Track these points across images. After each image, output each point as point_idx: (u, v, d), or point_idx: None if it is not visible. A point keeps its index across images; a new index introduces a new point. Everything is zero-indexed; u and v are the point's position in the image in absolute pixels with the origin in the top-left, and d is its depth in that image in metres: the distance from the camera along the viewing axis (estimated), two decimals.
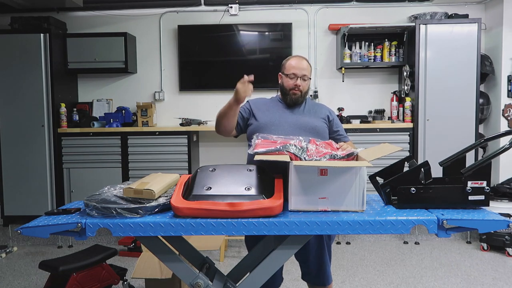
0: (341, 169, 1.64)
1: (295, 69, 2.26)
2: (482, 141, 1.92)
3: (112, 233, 1.58)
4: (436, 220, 1.58)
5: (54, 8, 4.49)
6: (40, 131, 4.16)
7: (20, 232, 1.62)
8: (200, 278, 1.72)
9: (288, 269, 3.45)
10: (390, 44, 4.33)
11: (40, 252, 4.08)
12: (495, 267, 3.50)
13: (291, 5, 4.54)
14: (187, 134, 4.21)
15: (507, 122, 4.21)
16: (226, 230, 1.57)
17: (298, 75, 2.25)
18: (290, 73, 2.27)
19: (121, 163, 4.22)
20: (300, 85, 2.25)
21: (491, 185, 1.98)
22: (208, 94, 4.65)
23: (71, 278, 2.69)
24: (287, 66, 2.30)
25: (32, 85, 4.13)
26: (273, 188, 1.73)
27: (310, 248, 2.14)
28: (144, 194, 1.66)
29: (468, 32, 4.00)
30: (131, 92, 4.67)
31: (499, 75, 4.22)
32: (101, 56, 4.34)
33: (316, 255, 2.16)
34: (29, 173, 4.17)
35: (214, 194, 1.64)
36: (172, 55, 4.63)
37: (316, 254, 2.16)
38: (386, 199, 1.78)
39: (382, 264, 3.60)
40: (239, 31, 4.51)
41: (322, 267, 2.18)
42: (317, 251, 2.15)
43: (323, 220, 1.57)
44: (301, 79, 2.25)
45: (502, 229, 1.61)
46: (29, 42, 4.11)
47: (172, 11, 4.59)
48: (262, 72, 4.53)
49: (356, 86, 4.59)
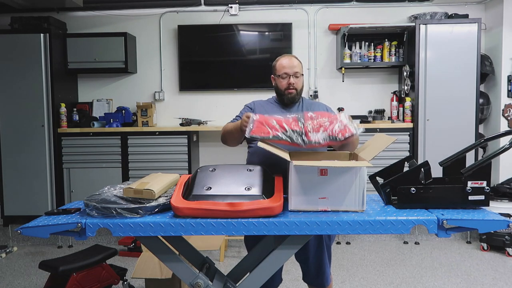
0: (341, 169, 1.64)
1: (286, 68, 2.26)
2: (482, 141, 1.92)
3: (112, 233, 1.58)
4: (436, 220, 1.58)
5: (54, 8, 4.49)
6: (40, 131, 4.16)
7: (20, 232, 1.62)
8: (200, 278, 1.72)
9: (288, 269, 3.45)
10: (390, 44, 4.34)
11: (40, 252, 4.08)
12: (495, 267, 3.50)
13: (291, 5, 4.54)
14: (187, 134, 4.21)
15: (507, 122, 4.21)
16: (226, 230, 1.57)
17: (289, 74, 2.25)
18: (281, 73, 2.27)
19: (121, 163, 4.22)
20: (294, 83, 2.25)
21: (491, 185, 1.98)
22: (208, 94, 4.65)
23: (71, 278, 2.69)
24: (278, 67, 2.30)
25: (32, 85, 4.13)
26: (273, 188, 1.73)
27: (310, 249, 2.14)
28: (144, 194, 1.66)
29: (468, 32, 4.00)
30: (131, 92, 4.67)
31: (499, 75, 4.22)
32: (101, 56, 4.35)
33: (316, 256, 2.16)
34: (29, 173, 4.17)
35: (214, 194, 1.64)
36: (172, 55, 4.63)
37: (315, 255, 2.16)
38: (386, 199, 1.78)
39: (382, 264, 3.60)
40: (239, 31, 4.51)
41: (321, 268, 2.18)
42: (316, 252, 2.15)
43: (323, 220, 1.57)
44: (293, 77, 2.25)
45: (502, 229, 1.61)
46: (29, 42, 4.11)
47: (172, 11, 4.59)
48: (262, 72, 4.54)
49: (356, 86, 4.59)
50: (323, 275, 2.19)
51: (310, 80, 4.57)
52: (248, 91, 4.59)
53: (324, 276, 2.20)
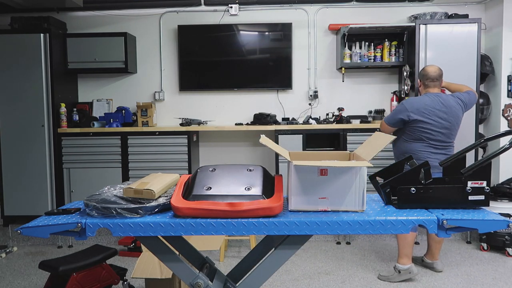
0: (341, 169, 1.64)
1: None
2: (482, 141, 1.92)
3: (112, 233, 1.58)
4: (436, 220, 1.58)
5: (54, 8, 4.49)
6: (40, 131, 4.16)
7: (20, 232, 1.62)
8: (200, 278, 1.72)
9: (288, 269, 3.46)
10: (390, 44, 4.34)
11: (40, 252, 4.08)
12: (495, 267, 3.50)
13: (291, 5, 4.54)
14: (187, 134, 4.21)
15: (507, 122, 4.21)
16: (226, 230, 1.57)
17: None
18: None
19: (121, 163, 4.22)
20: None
21: (491, 185, 1.98)
22: (208, 94, 4.65)
23: (71, 278, 2.69)
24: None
25: (32, 85, 4.13)
26: (273, 188, 1.73)
27: None
28: (144, 194, 1.66)
29: (468, 32, 4.00)
30: (131, 92, 4.67)
31: (499, 75, 4.22)
32: (101, 56, 4.34)
33: None
34: (29, 173, 4.17)
35: (214, 194, 1.64)
36: (172, 55, 4.63)
37: None
38: (386, 199, 1.78)
39: (382, 264, 3.60)
40: (239, 31, 4.51)
41: None
42: None
43: (323, 220, 1.57)
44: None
45: (502, 229, 1.61)
46: (29, 42, 4.11)
47: (172, 11, 4.59)
48: (262, 72, 4.55)
49: (356, 86, 4.59)
50: None
51: (310, 80, 4.57)
52: (248, 91, 4.60)
53: None
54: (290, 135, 4.15)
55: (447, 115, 3.08)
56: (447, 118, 3.08)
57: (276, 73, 4.53)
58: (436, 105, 3.08)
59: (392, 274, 3.23)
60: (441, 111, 3.08)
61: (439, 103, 3.09)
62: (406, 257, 3.20)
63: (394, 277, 3.21)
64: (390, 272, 3.27)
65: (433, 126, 3.06)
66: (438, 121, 3.06)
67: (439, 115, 3.07)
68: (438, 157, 3.01)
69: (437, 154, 3.06)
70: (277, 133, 4.16)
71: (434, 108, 3.07)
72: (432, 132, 3.07)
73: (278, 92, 4.60)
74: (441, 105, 3.09)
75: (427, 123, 3.06)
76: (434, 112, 3.07)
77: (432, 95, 3.16)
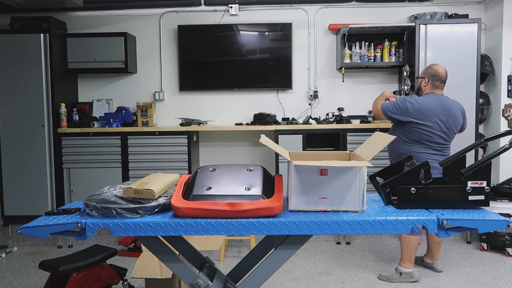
0: (341, 169, 1.64)
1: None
2: (482, 141, 1.92)
3: (112, 233, 1.58)
4: (436, 220, 1.58)
5: (54, 8, 4.49)
6: (40, 131, 4.16)
7: (20, 232, 1.62)
8: (200, 278, 1.72)
9: (288, 269, 3.46)
10: (390, 44, 4.34)
11: (40, 252, 4.08)
12: (495, 267, 3.50)
13: (291, 5, 4.54)
14: (187, 134, 4.21)
15: (507, 122, 4.21)
16: (226, 230, 1.57)
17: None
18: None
19: (121, 163, 4.22)
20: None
21: (491, 185, 1.98)
22: (208, 94, 4.65)
23: (71, 278, 2.69)
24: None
25: (32, 85, 4.13)
26: (273, 188, 1.73)
27: None
28: (144, 194, 1.66)
29: (468, 32, 4.00)
30: (131, 92, 4.67)
31: (499, 75, 4.22)
32: (101, 56, 4.35)
33: None
34: (29, 173, 4.17)
35: (214, 194, 1.64)
36: (172, 55, 4.63)
37: None
38: (386, 199, 1.78)
39: (382, 264, 3.60)
40: (239, 31, 4.51)
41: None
42: None
43: (323, 220, 1.57)
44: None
45: (502, 229, 1.61)
46: (29, 42, 4.11)
47: (172, 11, 4.59)
48: (262, 72, 4.55)
49: (356, 86, 4.59)
50: None
51: (310, 80, 4.57)
52: (248, 91, 4.60)
53: None
54: (290, 135, 4.15)
55: (447, 118, 3.07)
56: (447, 120, 3.07)
57: (276, 73, 4.53)
58: (438, 107, 3.07)
59: (393, 275, 3.23)
60: (442, 113, 3.07)
61: (441, 105, 3.08)
62: (409, 262, 3.20)
63: (395, 278, 3.21)
64: (391, 273, 3.27)
65: (433, 129, 3.05)
66: (438, 124, 3.05)
67: (440, 118, 3.05)
68: (437, 158, 3.00)
69: (436, 155, 3.06)
70: (277, 133, 4.16)
71: (436, 111, 3.05)
72: (432, 134, 3.06)
73: (278, 92, 4.60)
74: (443, 107, 3.08)
75: (427, 125, 3.05)
76: (435, 114, 3.05)
77: (437, 97, 3.12)
